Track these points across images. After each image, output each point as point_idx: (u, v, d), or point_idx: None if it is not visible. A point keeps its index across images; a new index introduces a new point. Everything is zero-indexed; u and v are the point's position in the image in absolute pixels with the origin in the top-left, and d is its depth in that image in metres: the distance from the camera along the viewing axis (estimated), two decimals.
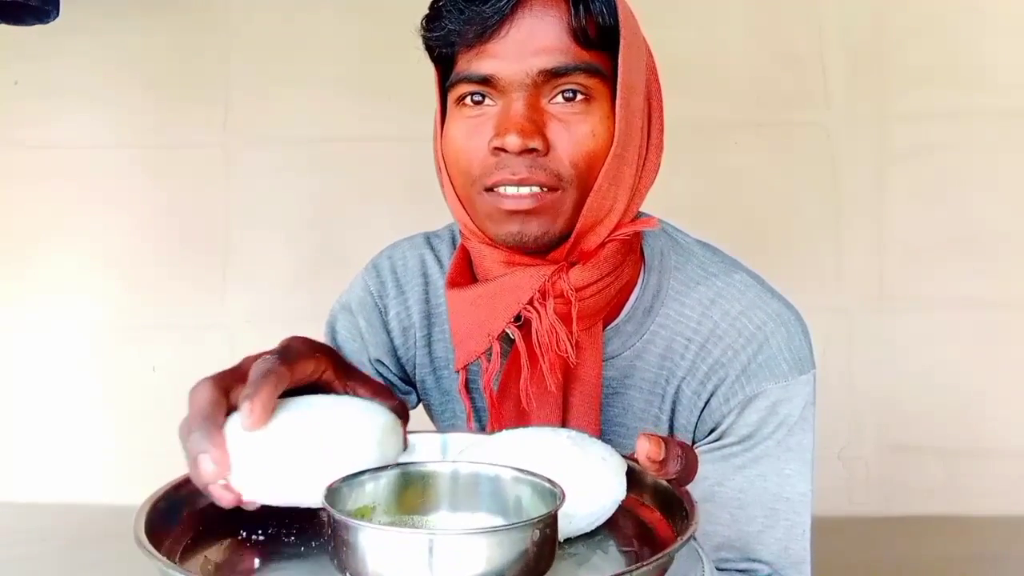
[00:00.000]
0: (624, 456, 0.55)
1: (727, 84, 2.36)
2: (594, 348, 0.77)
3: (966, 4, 2.31)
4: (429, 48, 0.76)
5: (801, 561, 0.79)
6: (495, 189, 0.72)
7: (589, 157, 0.72)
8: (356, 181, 2.45)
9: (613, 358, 0.81)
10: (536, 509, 0.45)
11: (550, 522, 0.41)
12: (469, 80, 0.72)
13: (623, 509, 0.53)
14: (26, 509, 2.41)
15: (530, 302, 0.72)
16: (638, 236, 0.80)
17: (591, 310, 0.76)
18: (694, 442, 0.81)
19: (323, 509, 0.42)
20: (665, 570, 0.44)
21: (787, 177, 2.36)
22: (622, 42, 0.72)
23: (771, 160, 2.36)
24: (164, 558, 0.43)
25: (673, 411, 0.81)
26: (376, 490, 0.46)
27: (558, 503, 0.42)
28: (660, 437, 0.51)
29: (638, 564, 0.44)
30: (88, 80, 2.51)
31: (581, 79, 0.71)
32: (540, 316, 0.72)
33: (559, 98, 0.71)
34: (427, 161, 0.80)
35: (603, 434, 0.80)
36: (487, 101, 0.73)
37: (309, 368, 0.53)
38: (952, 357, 2.32)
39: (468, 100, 0.73)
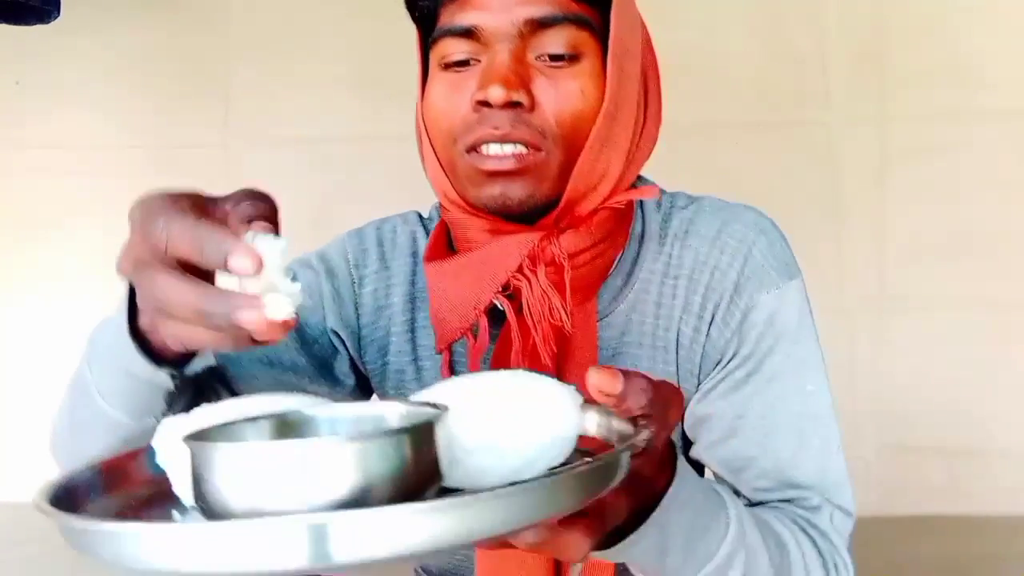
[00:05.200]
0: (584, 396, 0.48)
1: (728, 84, 2.36)
2: (588, 325, 0.72)
3: (966, 4, 2.31)
4: (410, 6, 0.73)
5: (841, 482, 0.73)
6: (478, 149, 0.68)
7: (576, 116, 0.68)
8: (356, 181, 2.46)
9: (607, 316, 0.75)
10: None
11: (422, 431, 0.37)
12: (451, 33, 0.69)
13: (587, 452, 0.47)
14: (26, 509, 2.40)
15: (519, 269, 0.67)
16: (632, 204, 0.76)
17: (585, 281, 0.71)
18: (699, 385, 0.75)
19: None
20: (602, 485, 0.40)
21: (787, 177, 2.36)
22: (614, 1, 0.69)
23: (771, 160, 2.36)
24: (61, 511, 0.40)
25: (677, 360, 0.75)
26: (247, 438, 0.42)
27: (437, 414, 0.39)
28: (617, 369, 0.45)
29: (554, 471, 0.40)
30: (89, 80, 2.51)
31: (570, 31, 0.67)
32: (531, 283, 0.67)
33: (546, 54, 0.68)
34: None
35: None
36: (471, 64, 0.69)
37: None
38: (952, 357, 2.32)
39: (453, 64, 0.70)
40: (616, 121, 0.69)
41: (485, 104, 0.66)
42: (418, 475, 0.36)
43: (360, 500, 0.34)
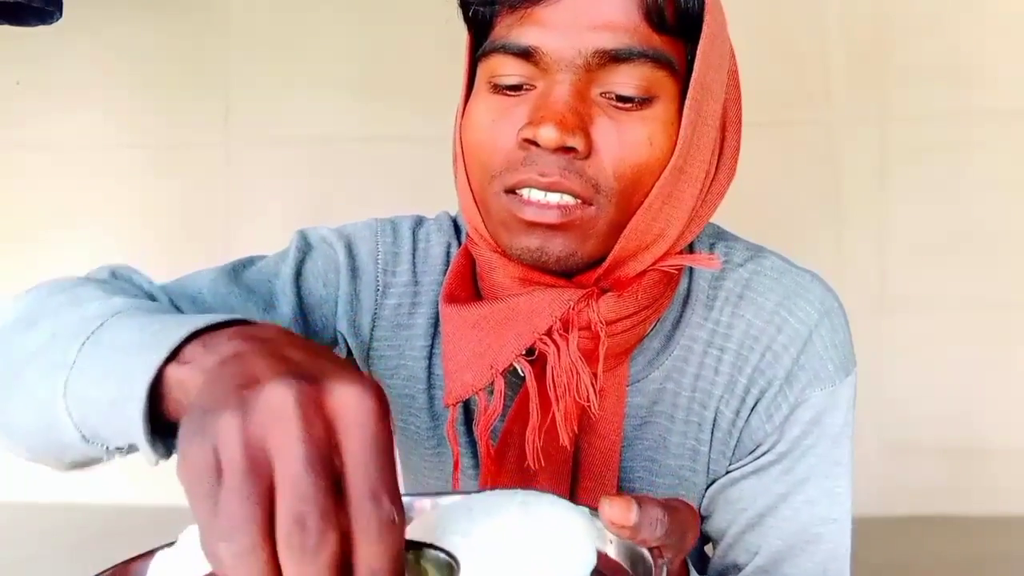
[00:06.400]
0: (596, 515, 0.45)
1: None
2: (617, 395, 0.64)
3: (966, 4, 2.31)
4: (464, 5, 0.62)
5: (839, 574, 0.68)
6: (517, 192, 0.58)
7: (638, 169, 0.58)
8: (356, 181, 2.45)
9: (639, 381, 0.67)
10: None
11: None
12: (506, 50, 0.58)
13: None
14: (26, 509, 2.41)
15: (548, 332, 0.59)
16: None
17: (620, 348, 0.63)
18: (727, 471, 0.68)
19: None
20: None
21: (787, 177, 2.36)
22: (704, 31, 0.58)
23: (771, 160, 2.36)
24: None
25: (712, 440, 0.68)
26: None
27: (451, 570, 0.36)
28: (631, 497, 0.42)
29: None
30: (89, 80, 2.52)
31: (646, 70, 0.57)
32: (559, 351, 0.59)
33: (614, 93, 0.57)
34: (428, 161, 0.74)
35: (630, 472, 0.68)
36: (524, 90, 0.58)
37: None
38: (952, 357, 2.32)
39: (503, 87, 0.59)
40: (684, 175, 0.60)
41: (533, 143, 0.57)
42: None
43: None
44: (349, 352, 0.72)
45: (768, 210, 2.36)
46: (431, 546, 0.40)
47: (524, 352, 0.59)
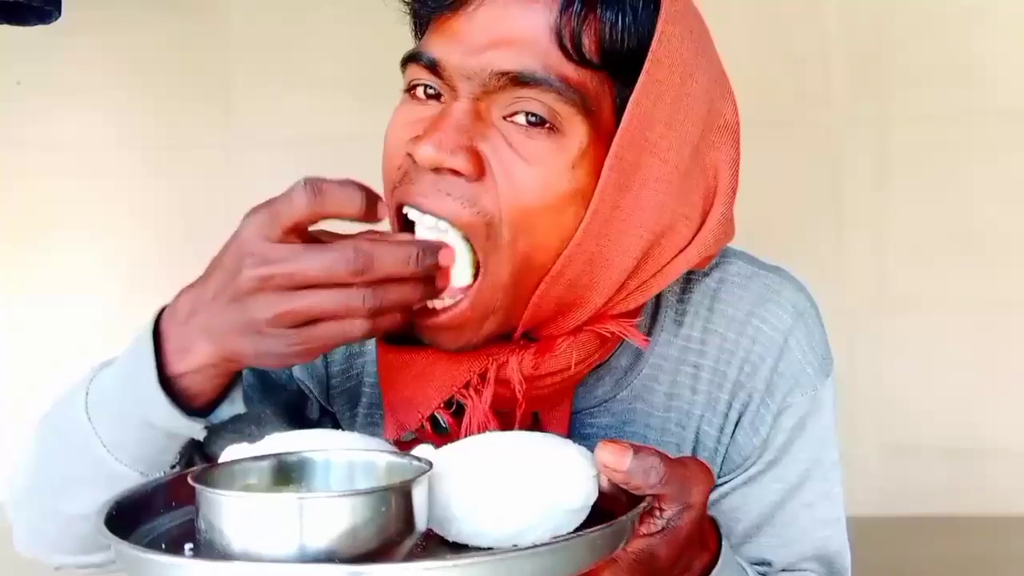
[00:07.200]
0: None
1: None
2: (558, 431, 0.61)
3: (966, 4, 2.31)
4: (411, 9, 0.60)
5: (843, 570, 0.68)
6: (404, 211, 0.56)
7: (533, 211, 0.52)
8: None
9: (607, 401, 0.65)
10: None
11: (402, 491, 0.40)
12: (417, 60, 0.55)
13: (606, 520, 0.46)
14: None
15: (467, 384, 0.57)
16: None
17: (554, 389, 0.59)
18: (716, 485, 0.66)
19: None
20: (589, 557, 0.42)
21: (787, 177, 2.36)
22: (645, 76, 0.51)
23: (771, 160, 2.36)
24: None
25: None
26: (248, 479, 0.45)
27: (418, 475, 0.41)
28: (628, 444, 0.43)
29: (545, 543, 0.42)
30: (90, 80, 2.51)
31: (550, 99, 0.51)
32: (474, 405, 0.57)
33: (520, 117, 0.52)
34: None
35: None
36: (442, 100, 0.55)
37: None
38: (952, 357, 2.31)
39: (420, 92, 0.57)
40: (607, 242, 0.53)
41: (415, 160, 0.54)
42: (396, 529, 0.40)
43: (345, 547, 0.38)
44: (315, 396, 0.71)
45: (768, 210, 2.36)
46: (407, 456, 0.45)
47: (444, 404, 0.59)
